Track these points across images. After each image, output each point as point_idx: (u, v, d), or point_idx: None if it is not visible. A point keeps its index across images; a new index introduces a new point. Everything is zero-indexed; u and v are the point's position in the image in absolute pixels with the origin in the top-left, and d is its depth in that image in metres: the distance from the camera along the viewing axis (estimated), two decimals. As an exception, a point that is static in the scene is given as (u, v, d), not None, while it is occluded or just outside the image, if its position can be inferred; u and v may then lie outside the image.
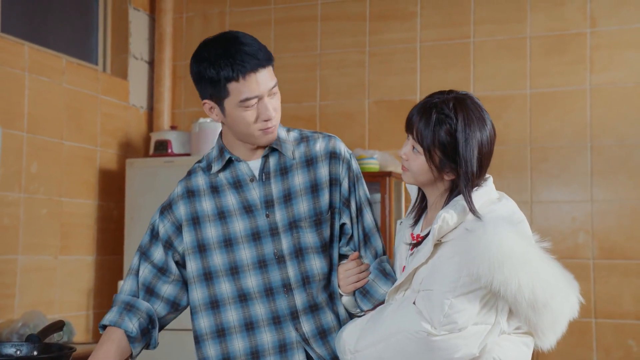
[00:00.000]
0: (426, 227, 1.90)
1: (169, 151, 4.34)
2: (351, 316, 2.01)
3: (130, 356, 1.97)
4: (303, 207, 1.96)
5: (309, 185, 1.98)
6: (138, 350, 1.97)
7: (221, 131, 2.04)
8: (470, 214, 1.76)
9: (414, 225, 1.96)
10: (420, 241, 1.86)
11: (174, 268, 2.01)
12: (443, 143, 1.79)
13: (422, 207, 1.97)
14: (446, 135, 1.79)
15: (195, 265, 1.98)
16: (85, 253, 4.24)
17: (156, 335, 2.01)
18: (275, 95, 1.92)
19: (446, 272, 1.72)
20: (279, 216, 1.96)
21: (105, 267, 4.39)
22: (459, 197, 1.80)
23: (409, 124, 1.85)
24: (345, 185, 2.01)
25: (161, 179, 4.11)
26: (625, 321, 3.98)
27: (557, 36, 4.22)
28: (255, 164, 1.99)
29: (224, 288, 1.96)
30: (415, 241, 1.90)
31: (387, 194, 4.02)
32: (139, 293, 2.00)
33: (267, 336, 1.94)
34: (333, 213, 1.99)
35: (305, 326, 1.95)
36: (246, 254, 1.95)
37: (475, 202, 1.77)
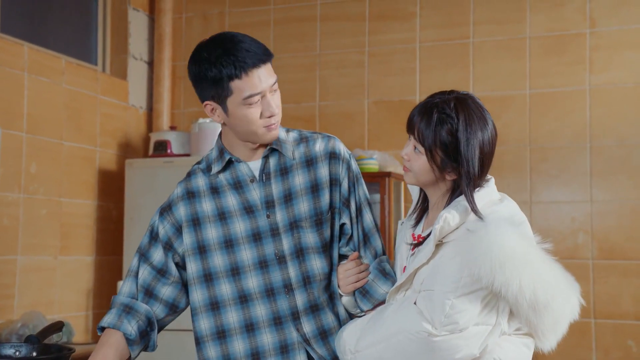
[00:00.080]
0: (427, 228, 1.90)
1: (169, 151, 4.34)
2: (351, 316, 2.01)
3: (128, 359, 1.97)
4: (304, 207, 1.96)
5: (310, 185, 1.98)
6: (136, 352, 1.97)
7: (220, 132, 2.04)
8: (472, 215, 1.76)
9: (415, 225, 1.96)
10: (421, 241, 1.86)
11: (174, 270, 2.00)
12: (444, 143, 1.79)
13: (424, 208, 1.97)
14: (447, 135, 1.79)
15: (195, 266, 1.98)
16: (84, 253, 4.24)
17: (155, 337, 2.01)
18: (276, 92, 1.93)
19: (447, 273, 1.72)
20: (280, 216, 1.96)
21: (104, 268, 4.39)
22: (461, 198, 1.80)
23: (410, 124, 1.85)
24: (345, 185, 2.01)
25: (160, 180, 4.11)
26: (624, 321, 3.98)
27: (557, 36, 4.22)
28: (255, 165, 1.99)
29: (225, 289, 1.96)
30: (416, 241, 1.90)
31: (387, 195, 4.02)
32: (138, 295, 2.00)
33: (268, 337, 1.94)
34: (333, 213, 1.99)
35: (306, 326, 1.95)
36: (247, 255, 1.95)
37: (477, 203, 1.77)
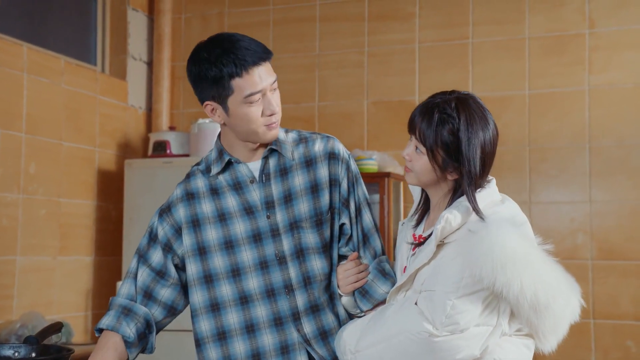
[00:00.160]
0: (428, 228, 1.90)
1: (168, 152, 4.33)
2: (351, 317, 2.01)
3: None
4: (304, 208, 1.96)
5: (309, 185, 1.98)
6: (134, 355, 1.96)
7: (219, 133, 2.04)
8: (473, 215, 1.76)
9: (416, 226, 1.96)
10: (422, 242, 1.86)
11: (173, 271, 2.00)
12: (446, 143, 1.79)
13: (425, 209, 1.97)
14: (449, 134, 1.79)
15: (195, 268, 1.98)
16: (83, 254, 4.24)
17: (153, 340, 2.00)
18: (275, 91, 1.93)
19: (449, 273, 1.72)
20: (280, 217, 1.96)
21: (103, 268, 4.38)
22: (462, 198, 1.80)
23: (412, 125, 1.85)
24: (344, 185, 2.01)
25: (160, 180, 4.11)
26: (623, 322, 3.98)
27: (556, 37, 4.22)
28: (254, 166, 1.99)
29: (225, 290, 1.95)
30: (417, 242, 1.90)
31: (386, 195, 4.01)
32: (137, 297, 1.99)
33: (269, 338, 1.94)
34: (333, 213, 1.99)
35: (306, 327, 1.95)
36: (247, 256, 1.95)
37: (478, 204, 1.77)
